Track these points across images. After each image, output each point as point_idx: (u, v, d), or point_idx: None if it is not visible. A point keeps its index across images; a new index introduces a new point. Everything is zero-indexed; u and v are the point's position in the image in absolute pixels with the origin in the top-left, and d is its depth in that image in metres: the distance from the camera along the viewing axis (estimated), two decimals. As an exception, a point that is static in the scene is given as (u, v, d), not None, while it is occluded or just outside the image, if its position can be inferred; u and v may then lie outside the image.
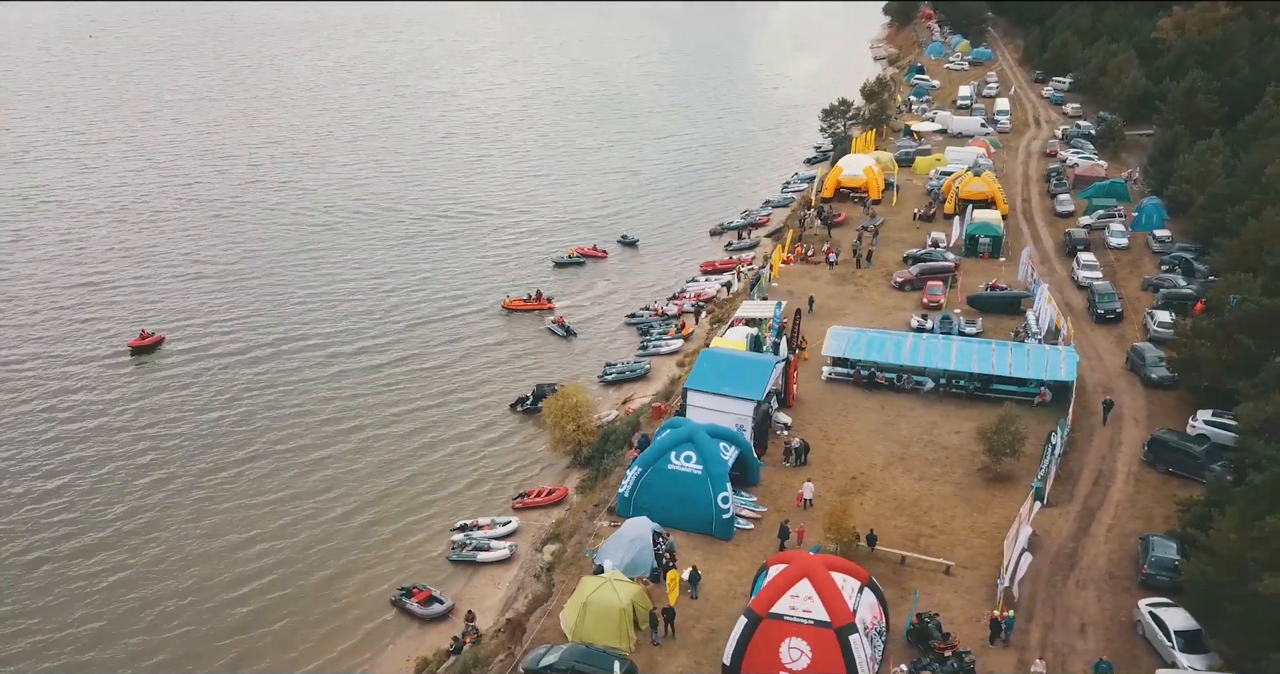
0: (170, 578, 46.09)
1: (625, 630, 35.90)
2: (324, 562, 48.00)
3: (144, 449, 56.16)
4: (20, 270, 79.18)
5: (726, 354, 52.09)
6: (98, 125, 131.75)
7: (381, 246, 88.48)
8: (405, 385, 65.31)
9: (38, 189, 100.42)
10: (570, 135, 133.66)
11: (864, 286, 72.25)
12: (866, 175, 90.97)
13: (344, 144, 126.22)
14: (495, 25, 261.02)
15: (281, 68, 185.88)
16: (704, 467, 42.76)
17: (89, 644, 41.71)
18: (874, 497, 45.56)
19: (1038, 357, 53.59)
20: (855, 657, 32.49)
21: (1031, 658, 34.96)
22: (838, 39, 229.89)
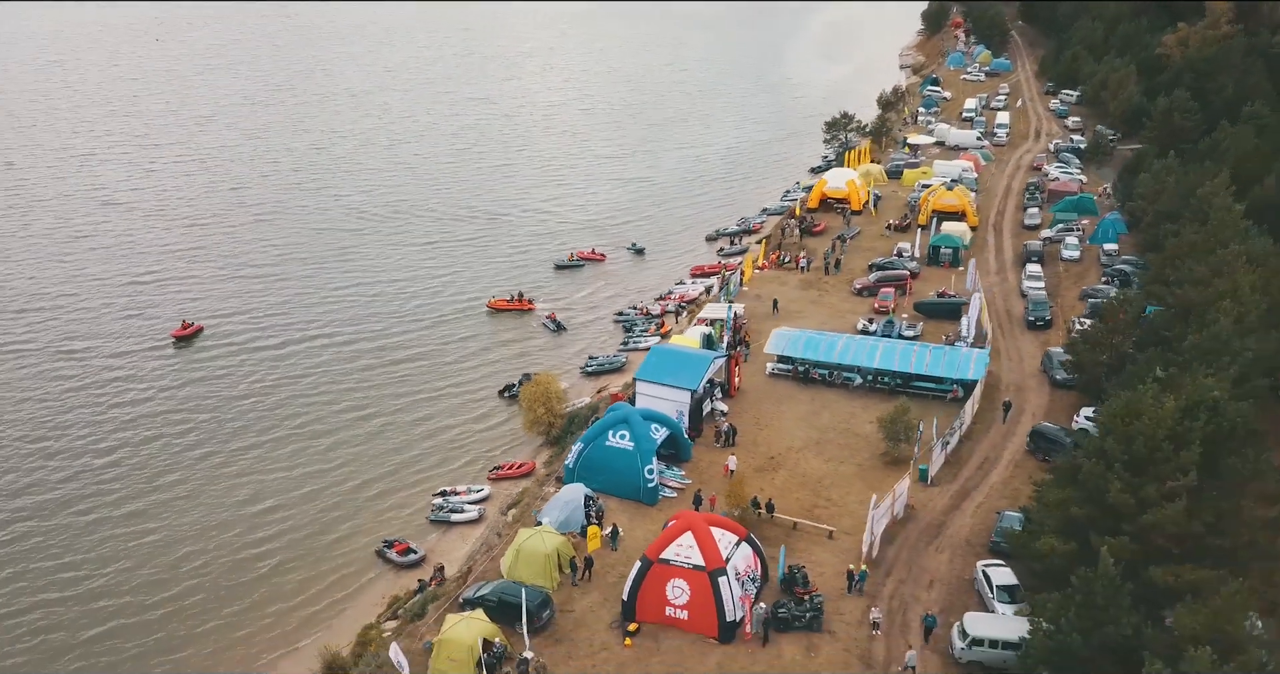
0: (204, 534, 54.58)
1: (550, 572, 44.11)
2: (327, 521, 56.59)
3: (182, 426, 65.20)
4: (79, 265, 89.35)
5: (672, 350, 60.15)
6: (157, 129, 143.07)
7: (406, 249, 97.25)
8: (415, 376, 73.35)
9: (100, 190, 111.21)
10: (592, 144, 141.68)
11: (826, 292, 79.53)
12: (849, 187, 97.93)
13: (381, 149, 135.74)
14: (542, 30, 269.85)
15: (331, 72, 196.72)
16: (635, 444, 50.77)
17: (139, 586, 50.52)
18: (785, 473, 53.20)
19: (951, 358, 60.71)
20: (723, 594, 40.34)
21: (880, 606, 42.53)
22: (870, 46, 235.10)
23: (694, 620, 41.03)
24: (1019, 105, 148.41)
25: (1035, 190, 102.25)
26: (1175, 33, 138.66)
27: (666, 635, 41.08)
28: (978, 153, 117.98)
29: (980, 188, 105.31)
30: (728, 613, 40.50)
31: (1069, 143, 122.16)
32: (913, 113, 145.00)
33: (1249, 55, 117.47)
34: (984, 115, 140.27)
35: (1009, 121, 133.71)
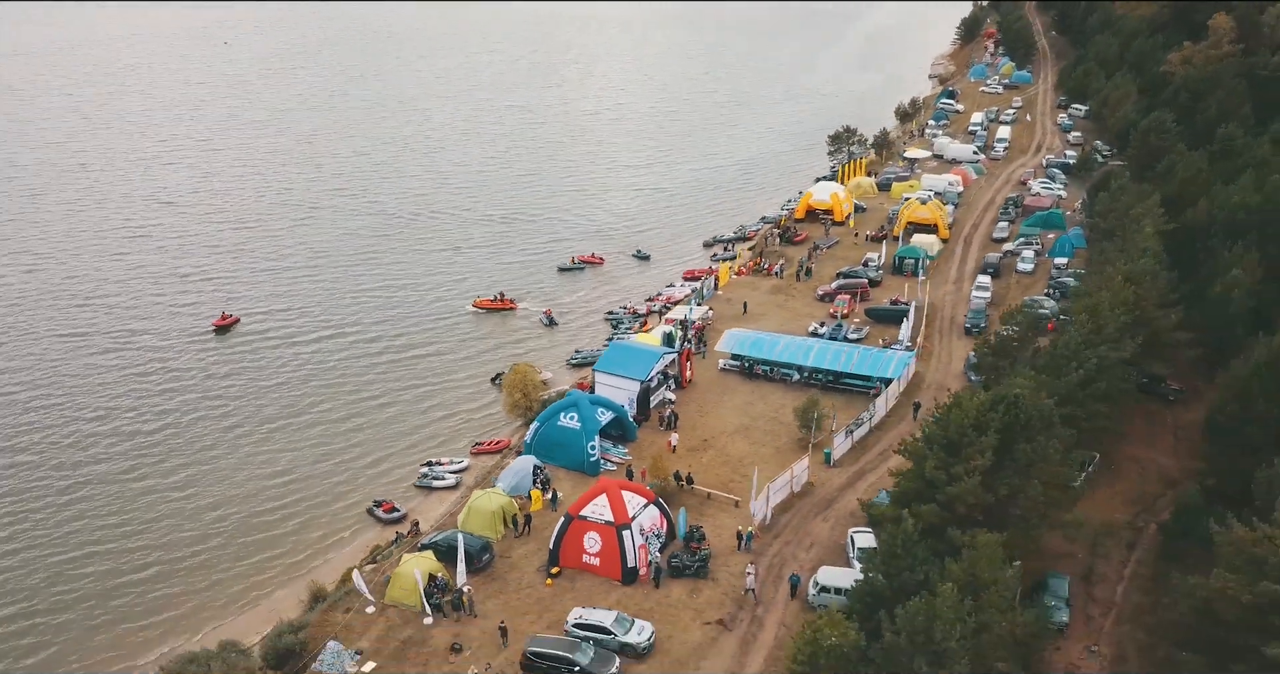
0: (230, 494, 64.18)
1: (495, 525, 53.71)
2: (331, 485, 66.12)
3: (218, 405, 75.07)
4: (137, 261, 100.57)
5: (628, 346, 69.44)
6: (218, 134, 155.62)
7: (427, 252, 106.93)
8: (423, 365, 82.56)
9: (161, 191, 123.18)
10: (617, 153, 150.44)
11: (793, 297, 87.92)
12: (832, 200, 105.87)
13: (419, 155, 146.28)
14: (592, 35, 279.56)
15: (384, 78, 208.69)
16: (581, 424, 60.14)
17: (173, 534, 60.59)
18: (713, 453, 62.12)
19: (876, 359, 69.05)
20: (626, 545, 49.47)
21: (762, 561, 51.29)
22: (907, 54, 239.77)
23: (603, 566, 50.26)
24: (1027, 119, 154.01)
25: (1012, 205, 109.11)
26: (1180, 51, 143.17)
27: (581, 578, 50.38)
28: (970, 167, 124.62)
29: (963, 202, 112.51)
30: (629, 560, 49.67)
31: (1063, 158, 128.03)
32: (921, 125, 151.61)
33: (1236, 77, 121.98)
34: (990, 129, 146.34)
35: (1009, 136, 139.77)
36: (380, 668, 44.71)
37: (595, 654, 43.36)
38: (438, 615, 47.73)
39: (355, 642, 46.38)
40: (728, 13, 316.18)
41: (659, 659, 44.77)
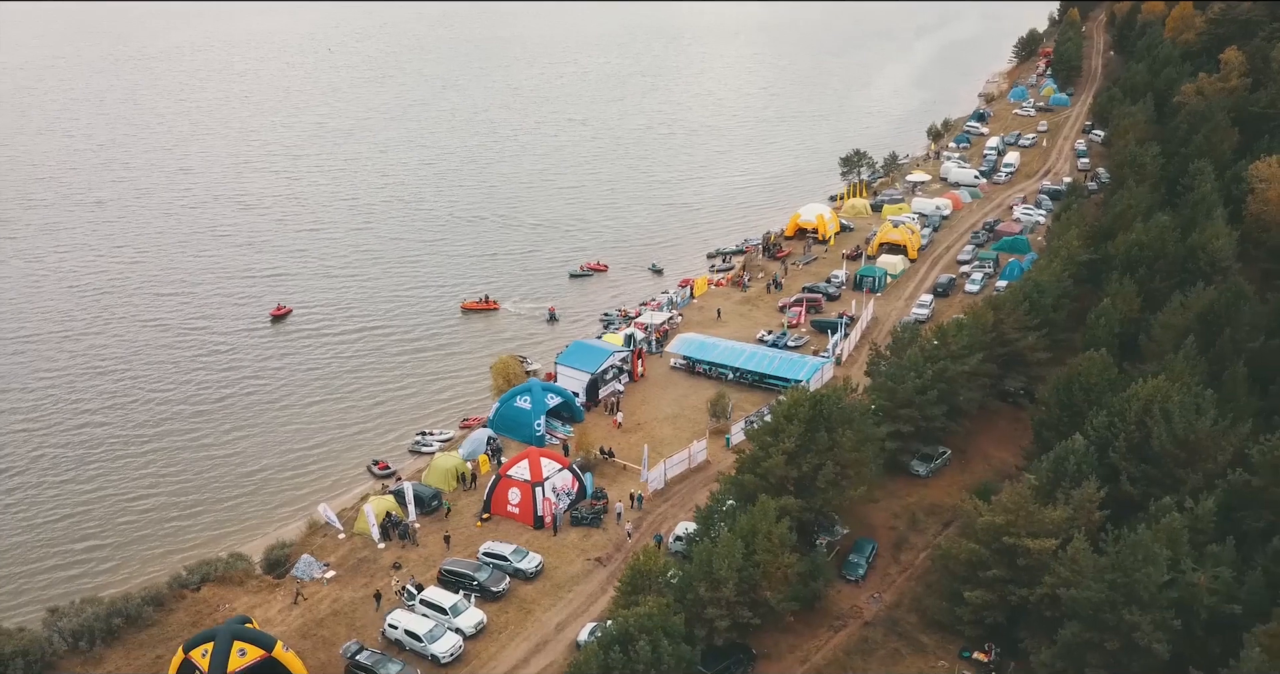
0: (268, 449, 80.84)
1: (448, 480, 68.89)
2: (344, 447, 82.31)
3: (269, 380, 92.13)
4: (213, 258, 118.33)
5: (586, 344, 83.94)
6: (306, 141, 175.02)
7: (466, 256, 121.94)
8: (442, 353, 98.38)
9: (246, 195, 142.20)
10: (653, 167, 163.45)
11: (758, 307, 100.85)
12: (818, 220, 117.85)
13: (477, 167, 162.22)
14: (663, 46, 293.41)
15: (462, 90, 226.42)
16: (532, 406, 74.84)
17: (218, 479, 77.34)
18: (641, 434, 76.03)
19: (793, 363, 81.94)
20: (537, 498, 63.91)
21: (648, 518, 65.09)
22: (969, 70, 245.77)
23: (521, 514, 64.90)
24: (1043, 144, 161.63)
25: (986, 229, 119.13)
26: (1194, 82, 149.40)
27: (504, 522, 65.12)
28: (967, 191, 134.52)
29: (946, 225, 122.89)
30: (539, 510, 64.15)
31: (1059, 185, 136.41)
32: (938, 149, 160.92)
33: (1229, 111, 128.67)
34: (1008, 152, 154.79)
35: (1016, 161, 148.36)
36: (339, 576, 60.27)
37: (491, 574, 58.06)
38: (389, 543, 63.12)
39: (325, 558, 62.12)
40: (814, 26, 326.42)
41: (542, 582, 59.20)
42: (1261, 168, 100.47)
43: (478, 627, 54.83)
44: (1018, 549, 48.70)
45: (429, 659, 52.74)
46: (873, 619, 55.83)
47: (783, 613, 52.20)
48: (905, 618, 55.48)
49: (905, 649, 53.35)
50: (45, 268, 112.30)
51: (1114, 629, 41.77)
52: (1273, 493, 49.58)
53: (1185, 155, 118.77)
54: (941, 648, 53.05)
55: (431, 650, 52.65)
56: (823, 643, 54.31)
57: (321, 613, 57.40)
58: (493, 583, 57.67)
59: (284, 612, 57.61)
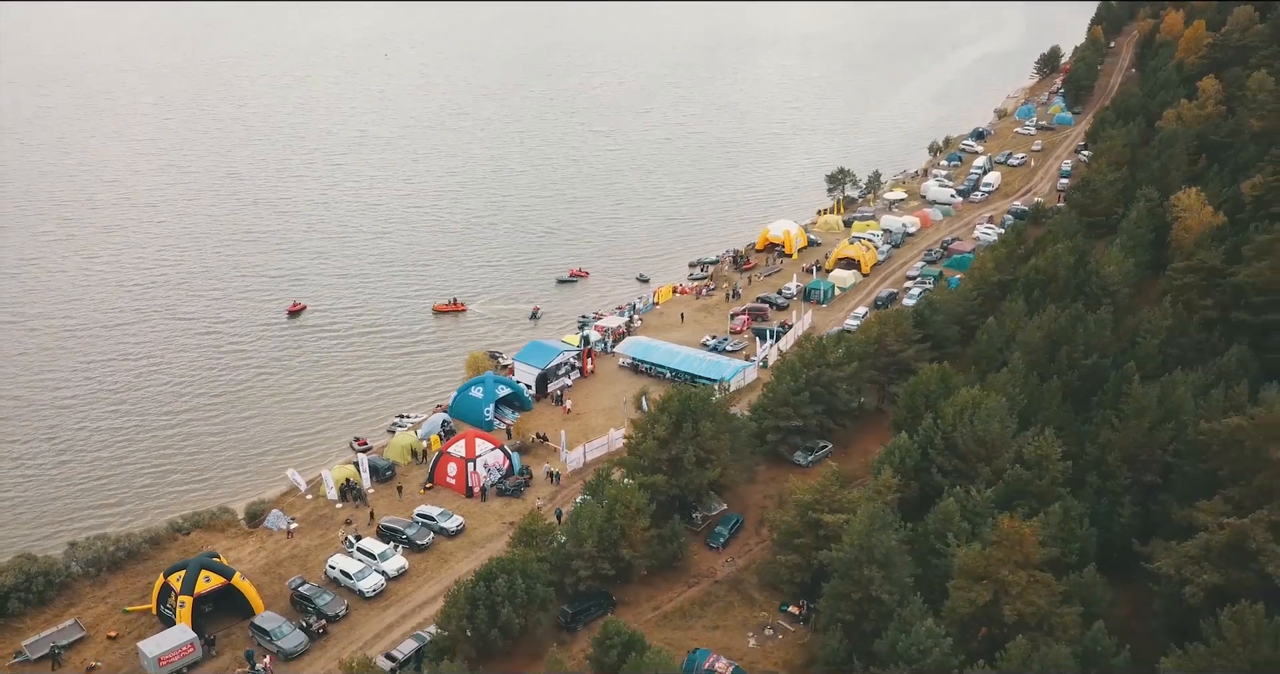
0: (271, 420, 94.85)
1: (404, 454, 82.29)
2: (333, 424, 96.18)
3: (278, 368, 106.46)
4: (243, 259, 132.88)
5: (540, 343, 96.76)
6: (348, 150, 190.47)
7: (470, 264, 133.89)
8: (432, 346, 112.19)
9: (283, 200, 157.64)
10: (661, 181, 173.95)
11: (712, 314, 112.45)
12: (784, 235, 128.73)
13: (500, 177, 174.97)
14: (700, 56, 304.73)
15: (501, 99, 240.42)
16: (483, 395, 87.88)
17: (222, 447, 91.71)
18: (579, 422, 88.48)
19: (719, 365, 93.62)
20: (469, 473, 76.87)
21: (564, 494, 77.48)
22: (985, 87, 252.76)
23: (457, 484, 77.95)
24: (1032, 164, 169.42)
25: (941, 247, 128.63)
26: (1175, 109, 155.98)
27: (443, 491, 78.25)
28: (939, 209, 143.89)
29: (907, 242, 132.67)
30: (470, 483, 77.07)
31: (1027, 206, 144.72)
32: (927, 167, 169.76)
33: (1189, 139, 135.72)
34: (991, 171, 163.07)
35: (996, 181, 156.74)
36: (301, 528, 73.96)
37: (418, 530, 71.20)
38: (345, 503, 76.66)
39: (293, 513, 75.90)
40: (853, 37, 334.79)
41: (462, 539, 72.15)
42: (1183, 197, 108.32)
43: (399, 570, 67.98)
44: (819, 522, 59.99)
45: (357, 593, 66.01)
46: (722, 579, 67.56)
47: (638, 567, 64.27)
48: (747, 578, 67.07)
49: (739, 602, 65.04)
50: (100, 265, 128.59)
51: (857, 583, 52.91)
52: (1036, 486, 59.97)
53: (1137, 181, 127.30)
54: (768, 602, 64.62)
55: (359, 586, 65.94)
56: (676, 595, 66.25)
57: (282, 556, 71.17)
58: (419, 537, 70.79)
59: (253, 553, 71.52)
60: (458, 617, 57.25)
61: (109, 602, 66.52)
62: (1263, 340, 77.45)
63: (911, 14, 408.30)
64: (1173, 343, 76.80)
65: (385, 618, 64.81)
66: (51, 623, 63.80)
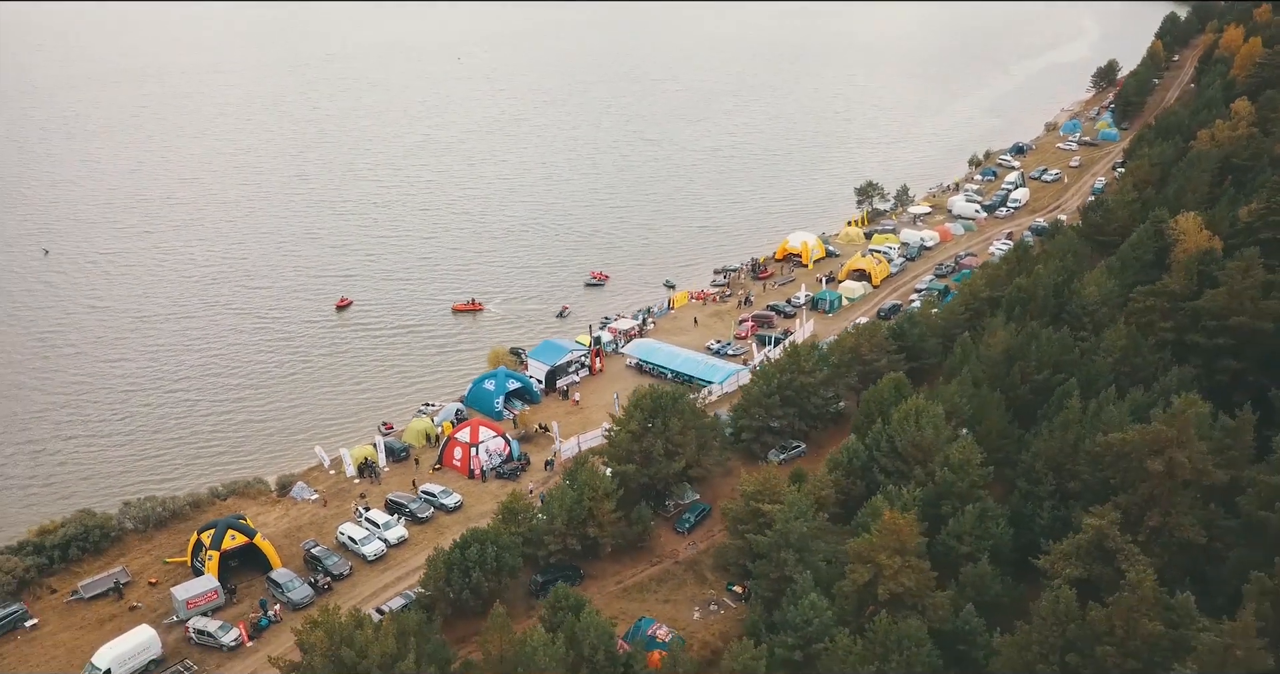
0: (305, 409, 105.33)
1: (419, 438, 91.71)
2: (364, 409, 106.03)
3: (325, 355, 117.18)
4: (301, 256, 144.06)
5: (552, 342, 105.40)
6: (409, 153, 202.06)
7: (509, 266, 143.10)
8: (466, 341, 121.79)
9: (342, 201, 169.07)
10: (700, 190, 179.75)
11: (723, 320, 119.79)
12: (802, 246, 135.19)
13: (549, 183, 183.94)
14: (762, 64, 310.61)
15: (562, 104, 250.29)
16: (495, 388, 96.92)
17: (264, 423, 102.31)
18: (582, 415, 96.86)
19: (713, 368, 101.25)
20: (473, 457, 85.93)
21: (556, 480, 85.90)
22: (1042, 99, 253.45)
23: (461, 467, 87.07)
24: (1064, 181, 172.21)
25: (954, 262, 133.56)
26: (1210, 128, 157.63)
27: (450, 472, 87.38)
28: (961, 224, 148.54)
29: (926, 256, 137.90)
30: (474, 466, 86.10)
31: (1049, 223, 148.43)
32: (962, 181, 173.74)
33: (1214, 160, 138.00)
34: (1021, 187, 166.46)
35: (1024, 197, 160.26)
36: (321, 499, 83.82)
37: (420, 505, 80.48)
38: (362, 479, 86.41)
39: (316, 486, 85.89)
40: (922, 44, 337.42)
41: (459, 515, 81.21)
42: (1182, 221, 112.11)
43: (399, 539, 77.37)
44: (760, 511, 67.29)
45: (361, 556, 75.50)
46: (682, 560, 75.28)
47: (604, 545, 72.39)
48: (704, 560, 74.70)
49: (692, 580, 72.78)
50: (172, 258, 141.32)
51: (776, 564, 60.17)
52: (958, 487, 66.31)
53: (1155, 201, 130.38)
54: (718, 581, 72.23)
55: (363, 551, 75.46)
56: (639, 572, 74.23)
57: (302, 522, 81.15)
58: (420, 511, 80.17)
59: (278, 518, 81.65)
60: (437, 578, 66.21)
61: (153, 553, 77.19)
62: (1213, 362, 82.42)
63: (991, 16, 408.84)
64: (1126, 362, 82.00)
65: (383, 579, 74.19)
66: (104, 569, 74.62)
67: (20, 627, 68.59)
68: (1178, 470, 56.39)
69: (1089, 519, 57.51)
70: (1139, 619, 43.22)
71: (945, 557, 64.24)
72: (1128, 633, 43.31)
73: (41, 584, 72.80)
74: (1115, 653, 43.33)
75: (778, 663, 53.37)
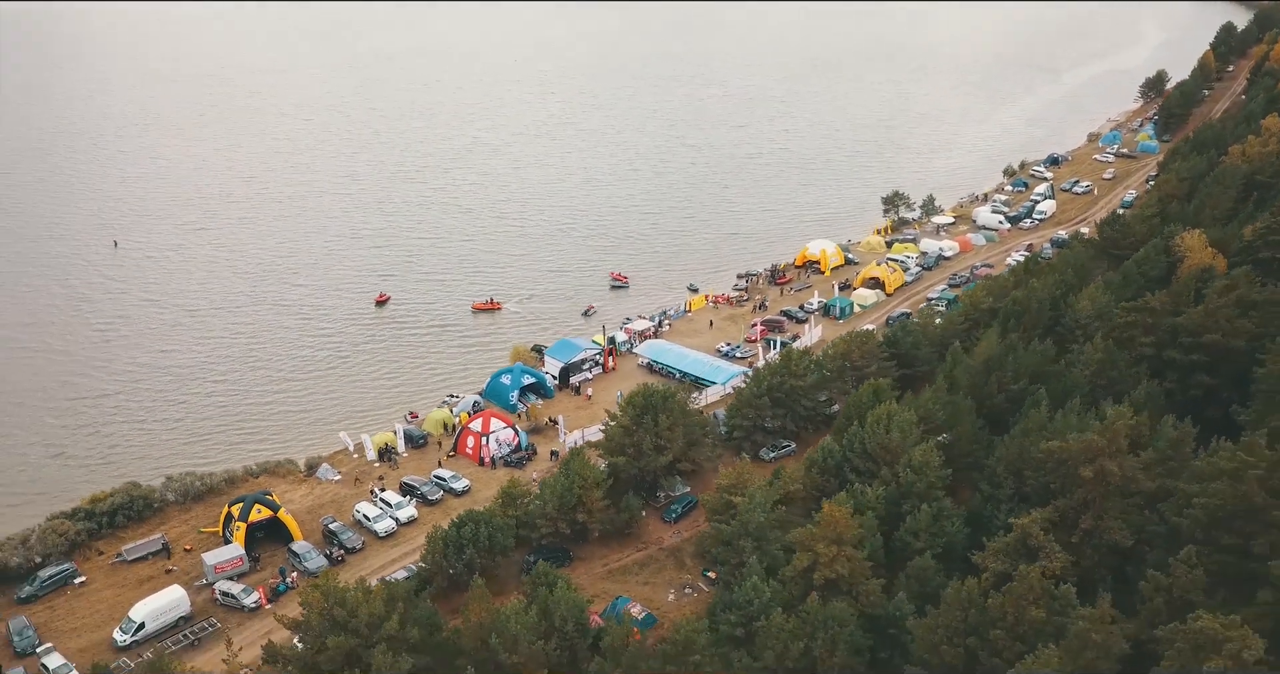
0: (338, 396, 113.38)
1: (437, 427, 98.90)
2: (392, 398, 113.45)
3: (363, 347, 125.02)
4: (345, 255, 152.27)
5: (567, 341, 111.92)
6: (457, 155, 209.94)
7: (541, 269, 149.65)
8: (497, 335, 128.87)
9: (387, 202, 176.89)
10: (736, 196, 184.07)
11: (737, 323, 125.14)
12: (821, 254, 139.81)
13: (588, 188, 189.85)
14: (809, 69, 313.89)
15: (608, 111, 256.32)
16: (510, 382, 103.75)
17: (302, 410, 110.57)
18: (592, 410, 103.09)
19: (717, 369, 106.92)
20: (484, 446, 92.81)
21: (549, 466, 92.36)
22: (1087, 108, 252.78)
23: (473, 455, 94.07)
24: (1093, 192, 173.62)
25: (970, 272, 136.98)
26: (1243, 143, 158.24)
27: (463, 460, 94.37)
28: (982, 235, 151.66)
29: (944, 265, 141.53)
30: (484, 454, 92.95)
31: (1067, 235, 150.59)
32: (991, 192, 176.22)
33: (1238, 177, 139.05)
34: (1047, 199, 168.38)
35: (1050, 209, 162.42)
36: (343, 480, 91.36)
37: (430, 488, 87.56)
38: (382, 463, 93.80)
39: (339, 468, 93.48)
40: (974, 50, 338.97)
41: (467, 498, 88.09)
42: (1187, 238, 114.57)
43: (409, 519, 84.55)
44: (730, 502, 72.87)
45: (373, 533, 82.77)
46: (666, 547, 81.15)
47: (592, 530, 78.57)
48: (686, 548, 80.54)
49: (672, 565, 78.70)
50: (226, 253, 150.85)
51: (736, 551, 65.75)
52: (918, 486, 71.11)
53: (1175, 217, 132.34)
54: (695, 567, 78.01)
55: (375, 527, 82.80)
56: (624, 556, 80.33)
57: (325, 500, 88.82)
58: (430, 494, 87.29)
59: (303, 496, 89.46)
60: (435, 554, 73.03)
61: (189, 524, 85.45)
62: (1188, 378, 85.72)
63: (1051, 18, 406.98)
64: (1102, 375, 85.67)
65: (391, 554, 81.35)
66: (145, 536, 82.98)
67: (71, 583, 77.18)
68: (1109, 477, 60.67)
69: (1016, 520, 62.07)
70: (1026, 607, 48.08)
71: (902, 552, 69.26)
72: (1016, 619, 48.18)
73: (91, 547, 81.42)
74: (1005, 636, 48.20)
75: (723, 639, 59.04)
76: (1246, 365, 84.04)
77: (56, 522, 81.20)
